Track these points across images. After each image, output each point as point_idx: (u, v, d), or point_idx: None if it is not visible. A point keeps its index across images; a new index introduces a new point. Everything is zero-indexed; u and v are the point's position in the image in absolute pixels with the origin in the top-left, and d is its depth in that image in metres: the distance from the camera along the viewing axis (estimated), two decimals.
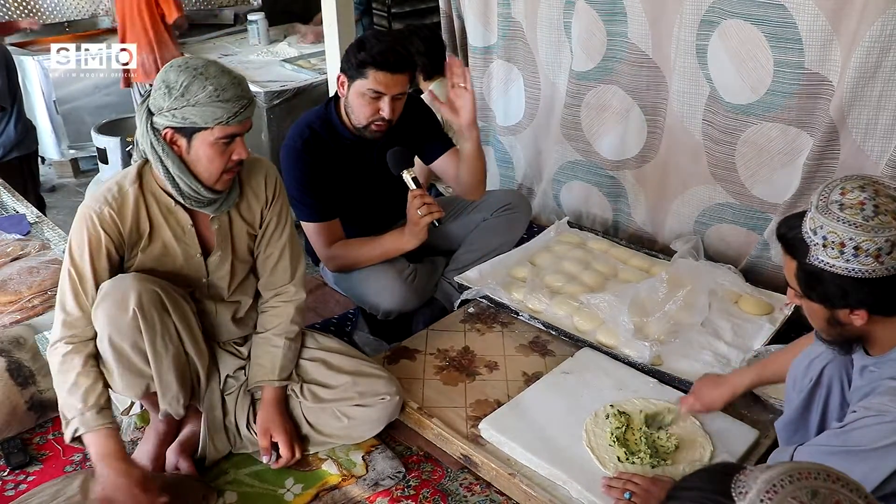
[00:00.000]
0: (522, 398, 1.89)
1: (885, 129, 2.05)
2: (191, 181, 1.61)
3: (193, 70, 1.54)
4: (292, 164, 2.18)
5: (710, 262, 2.41)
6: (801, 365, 1.51)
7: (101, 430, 1.54)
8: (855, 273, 1.16)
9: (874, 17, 1.92)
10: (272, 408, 1.79)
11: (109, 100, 4.44)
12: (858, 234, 1.14)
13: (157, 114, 1.57)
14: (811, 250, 1.20)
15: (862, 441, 1.18)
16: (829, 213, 1.17)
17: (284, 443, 1.76)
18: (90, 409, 1.54)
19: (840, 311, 1.23)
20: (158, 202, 1.67)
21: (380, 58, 2.05)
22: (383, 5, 5.09)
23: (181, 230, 1.70)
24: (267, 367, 1.80)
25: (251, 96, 1.62)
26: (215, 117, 1.55)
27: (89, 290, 1.61)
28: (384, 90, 2.08)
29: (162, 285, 1.63)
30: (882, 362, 1.27)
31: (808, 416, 1.50)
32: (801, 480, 0.78)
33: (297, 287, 1.87)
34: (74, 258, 1.61)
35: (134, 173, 1.66)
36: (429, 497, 1.74)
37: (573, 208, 2.99)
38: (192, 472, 1.74)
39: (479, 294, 2.32)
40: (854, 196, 1.17)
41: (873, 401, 1.20)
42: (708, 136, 2.45)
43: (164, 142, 1.59)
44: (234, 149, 1.62)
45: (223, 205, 1.71)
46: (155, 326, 1.60)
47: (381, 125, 2.14)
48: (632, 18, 2.50)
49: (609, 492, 1.55)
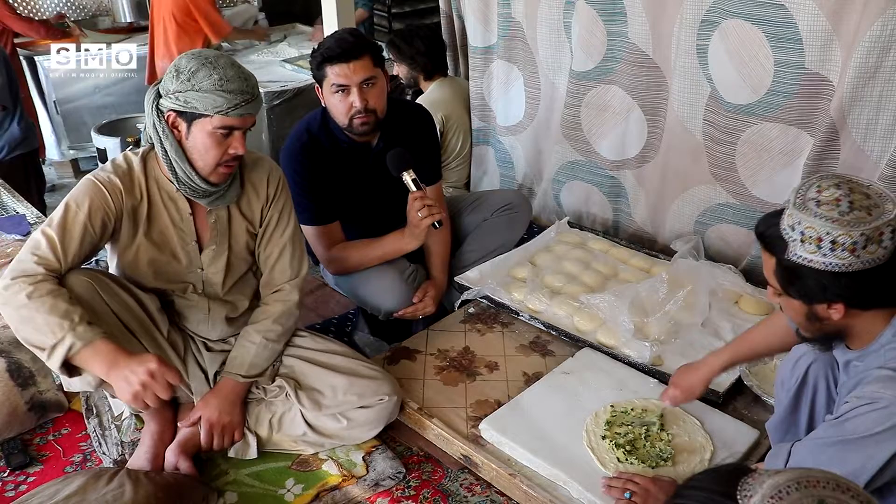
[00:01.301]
0: (523, 398, 1.88)
1: (885, 129, 2.05)
2: (186, 167, 1.64)
3: (205, 59, 1.58)
4: (291, 167, 2.18)
5: (711, 262, 2.41)
6: (787, 365, 1.53)
7: (99, 340, 1.47)
8: (832, 267, 1.19)
9: (874, 17, 1.92)
10: (220, 398, 1.78)
11: (109, 100, 4.44)
12: (835, 229, 1.17)
13: (164, 96, 1.61)
14: (789, 246, 1.23)
15: (857, 429, 1.19)
16: (806, 210, 1.20)
17: (206, 432, 1.76)
18: (80, 323, 1.47)
19: (818, 306, 1.26)
20: (160, 187, 1.70)
21: (330, 52, 2.07)
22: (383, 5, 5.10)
23: (179, 217, 1.72)
24: (237, 360, 1.81)
25: (256, 93, 1.64)
26: (215, 105, 1.57)
27: (68, 249, 1.57)
28: (346, 81, 2.08)
29: (94, 275, 1.63)
30: (865, 355, 1.29)
31: (797, 416, 1.52)
32: (808, 488, 0.78)
33: (292, 287, 1.87)
34: (68, 215, 1.58)
35: (141, 156, 1.70)
36: (429, 497, 1.74)
37: (573, 208, 2.99)
38: (192, 473, 1.74)
39: (479, 294, 2.32)
40: (830, 193, 1.20)
41: (865, 389, 1.22)
42: (708, 136, 2.45)
43: (166, 124, 1.62)
44: (231, 142, 1.63)
45: (220, 199, 1.72)
46: (91, 312, 1.57)
47: (363, 117, 2.12)
48: (632, 18, 2.50)
49: (609, 492, 1.55)
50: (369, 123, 2.15)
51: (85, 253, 1.62)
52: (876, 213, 1.17)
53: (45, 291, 1.49)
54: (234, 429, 1.80)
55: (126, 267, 1.73)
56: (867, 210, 1.17)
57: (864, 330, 1.28)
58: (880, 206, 1.18)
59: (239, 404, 1.82)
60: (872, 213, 1.17)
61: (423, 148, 2.32)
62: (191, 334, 1.87)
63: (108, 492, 1.57)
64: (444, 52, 3.23)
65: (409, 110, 2.36)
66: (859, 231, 1.16)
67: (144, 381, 1.46)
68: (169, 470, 1.75)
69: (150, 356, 1.49)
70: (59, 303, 1.48)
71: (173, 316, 1.84)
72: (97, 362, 1.47)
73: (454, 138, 3.15)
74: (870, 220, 1.16)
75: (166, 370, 1.47)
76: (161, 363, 1.48)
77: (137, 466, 1.74)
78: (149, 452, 1.77)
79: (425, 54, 3.11)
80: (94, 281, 1.62)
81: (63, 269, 1.57)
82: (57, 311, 1.47)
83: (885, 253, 1.18)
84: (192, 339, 1.87)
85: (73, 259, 1.59)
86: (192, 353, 1.86)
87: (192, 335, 1.87)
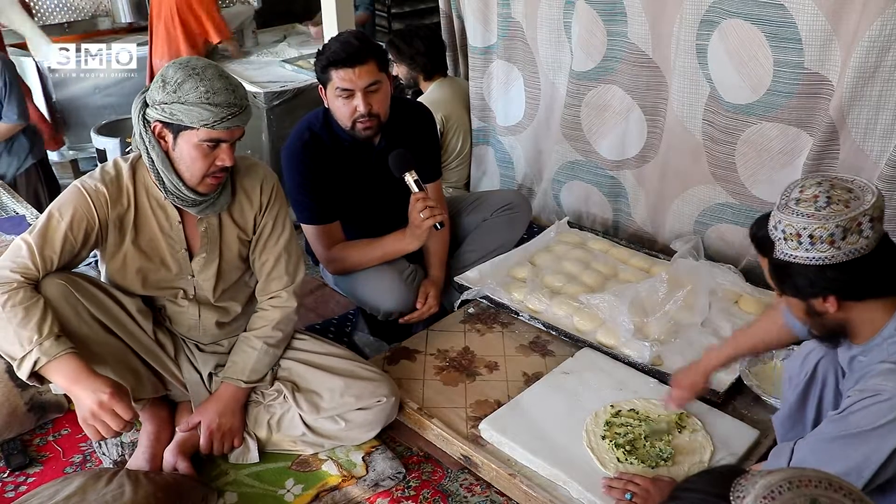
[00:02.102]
0: (522, 398, 1.88)
1: (884, 128, 2.05)
2: (173, 178, 1.63)
3: (192, 70, 1.55)
4: (292, 166, 2.18)
5: (710, 261, 2.41)
6: (796, 361, 1.55)
7: (63, 356, 1.47)
8: (816, 261, 1.21)
9: (874, 16, 1.92)
10: (220, 404, 1.78)
11: (109, 101, 4.43)
12: (811, 223, 1.20)
13: (150, 106, 1.59)
14: (776, 245, 1.26)
15: (861, 423, 1.20)
16: (786, 209, 1.24)
17: (206, 438, 1.76)
18: (47, 339, 1.48)
19: (814, 301, 1.28)
20: (150, 195, 1.69)
21: (335, 56, 2.06)
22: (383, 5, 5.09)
23: (168, 225, 1.71)
24: (238, 366, 1.81)
25: (244, 105, 1.61)
26: (201, 119, 1.55)
27: (47, 258, 1.57)
28: (351, 86, 2.07)
29: (69, 277, 1.62)
30: (868, 349, 1.30)
31: (804, 411, 1.53)
32: (800, 487, 0.78)
33: (289, 294, 1.86)
34: (50, 224, 1.58)
35: (130, 163, 1.68)
36: (429, 498, 1.74)
37: (573, 208, 2.99)
38: (191, 473, 1.74)
39: (479, 294, 2.32)
40: (810, 191, 1.24)
41: (867, 383, 1.23)
42: (708, 135, 2.45)
43: (153, 134, 1.61)
44: (218, 154, 1.61)
45: (209, 208, 1.71)
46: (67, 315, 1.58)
47: (366, 121, 2.13)
48: (632, 18, 2.50)
49: (609, 492, 1.56)
50: (372, 127, 2.15)
51: (64, 262, 1.61)
52: (854, 204, 1.19)
53: (19, 300, 1.50)
54: (233, 435, 1.80)
55: (114, 275, 1.72)
56: (845, 203, 1.20)
57: (865, 323, 1.29)
58: (860, 198, 1.20)
59: (239, 411, 1.81)
60: (850, 206, 1.19)
61: (424, 147, 2.32)
62: (182, 337, 1.87)
63: (108, 492, 1.57)
64: (443, 52, 3.23)
65: (410, 109, 2.36)
66: (834, 223, 1.18)
67: (94, 411, 1.47)
68: (167, 470, 1.75)
69: (106, 385, 1.48)
70: (32, 314, 1.49)
71: (163, 320, 1.84)
72: (60, 378, 1.49)
73: (454, 138, 3.15)
74: (846, 211, 1.19)
75: (117, 402, 1.46)
76: (114, 395, 1.46)
77: (136, 467, 1.74)
78: (146, 453, 1.77)
79: (425, 54, 3.11)
80: (70, 284, 1.61)
81: (40, 276, 1.58)
82: (27, 324, 1.48)
83: (868, 242, 1.20)
84: (184, 342, 1.87)
85: (50, 268, 1.59)
86: (184, 353, 1.85)
87: (184, 339, 1.87)
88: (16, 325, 1.48)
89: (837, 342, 1.36)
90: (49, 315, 1.52)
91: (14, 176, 3.29)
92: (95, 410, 1.46)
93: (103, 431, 1.49)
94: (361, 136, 2.17)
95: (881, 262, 1.22)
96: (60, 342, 1.49)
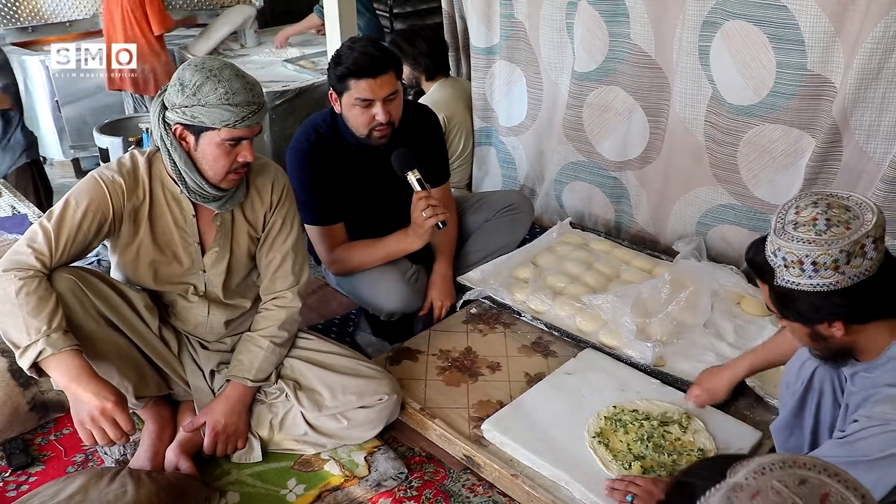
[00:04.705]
0: (525, 399, 1.88)
1: (887, 130, 2.05)
2: (196, 177, 1.65)
3: (208, 71, 1.57)
4: (298, 167, 2.18)
5: (713, 262, 2.41)
6: (793, 367, 1.53)
7: (68, 352, 1.47)
8: (820, 287, 1.18)
9: (877, 18, 1.92)
10: (227, 405, 1.78)
11: (111, 100, 4.43)
12: (813, 250, 1.16)
13: (169, 109, 1.61)
14: (776, 272, 1.23)
15: (869, 451, 1.19)
16: (784, 235, 1.20)
17: (210, 439, 1.76)
18: (56, 331, 1.47)
19: (819, 326, 1.25)
20: (165, 188, 1.70)
21: (355, 66, 2.04)
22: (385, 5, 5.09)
23: (182, 218, 1.73)
24: (244, 365, 1.81)
25: (262, 101, 1.64)
26: (223, 119, 1.57)
27: (61, 244, 1.58)
28: (371, 96, 2.07)
29: (78, 272, 1.63)
30: (873, 367, 1.29)
31: (801, 419, 1.52)
32: (792, 468, 0.79)
33: (294, 294, 1.87)
34: (67, 211, 1.59)
35: (147, 156, 1.70)
36: (431, 498, 1.74)
37: (575, 209, 2.99)
38: (193, 472, 1.74)
39: (481, 295, 2.32)
40: (807, 213, 1.20)
41: (875, 409, 1.21)
42: (710, 137, 2.45)
43: (174, 136, 1.63)
44: (240, 151, 1.64)
45: (228, 202, 1.73)
46: (74, 309, 1.59)
47: (384, 129, 2.13)
48: (634, 19, 2.50)
49: (612, 494, 1.55)
50: (388, 135, 2.15)
51: (76, 251, 1.62)
52: (855, 225, 1.16)
53: (34, 289, 1.50)
54: (238, 437, 1.80)
55: (126, 267, 1.74)
56: (845, 224, 1.17)
57: (871, 343, 1.27)
58: (860, 217, 1.17)
59: (245, 413, 1.81)
60: (851, 226, 1.16)
61: (430, 149, 2.32)
62: (186, 335, 1.87)
63: (110, 491, 1.57)
64: (446, 52, 3.22)
65: (414, 111, 2.36)
66: (838, 248, 1.15)
67: (94, 416, 1.46)
68: (169, 469, 1.75)
69: (111, 392, 1.48)
70: (44, 305, 1.49)
71: (169, 316, 1.84)
72: (61, 373, 1.48)
73: (456, 139, 3.15)
74: (848, 234, 1.15)
75: (119, 413, 1.46)
76: (118, 405, 1.47)
77: (138, 466, 1.75)
78: (148, 452, 1.77)
79: (427, 55, 3.11)
80: (78, 278, 1.62)
81: (53, 263, 1.58)
82: (37, 314, 1.48)
83: (872, 263, 1.17)
84: (188, 339, 1.87)
85: (63, 254, 1.59)
86: (187, 350, 1.86)
87: (188, 336, 1.87)
88: (26, 314, 1.47)
89: (844, 362, 1.34)
90: (60, 309, 1.52)
91: (6, 172, 3.30)
92: (96, 416, 1.46)
93: (99, 438, 1.48)
94: (376, 143, 2.16)
95: (886, 283, 1.20)
96: (68, 337, 1.49)
